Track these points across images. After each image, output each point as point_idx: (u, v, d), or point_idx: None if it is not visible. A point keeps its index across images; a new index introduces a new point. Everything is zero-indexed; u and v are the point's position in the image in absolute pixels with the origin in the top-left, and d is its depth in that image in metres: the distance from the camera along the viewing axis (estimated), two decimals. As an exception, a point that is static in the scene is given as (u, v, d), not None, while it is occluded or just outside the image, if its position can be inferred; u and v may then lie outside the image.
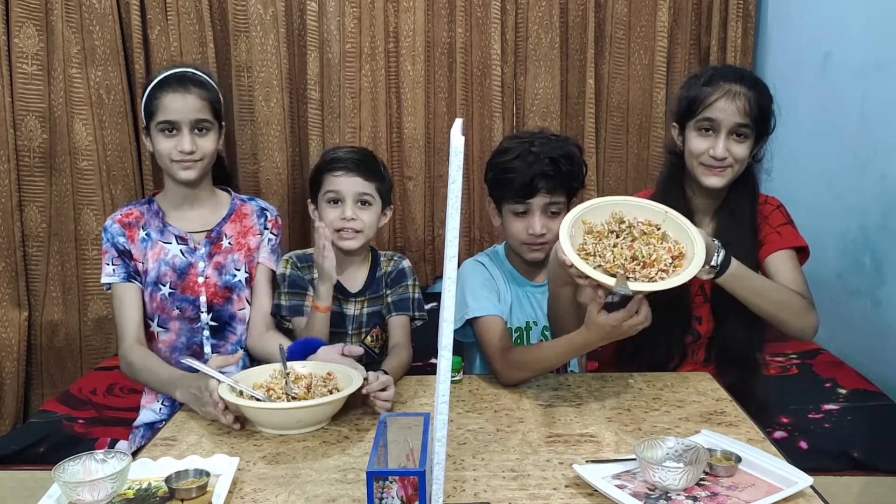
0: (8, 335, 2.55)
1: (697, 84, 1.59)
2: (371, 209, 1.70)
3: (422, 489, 0.91)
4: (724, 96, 1.53)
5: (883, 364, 2.06)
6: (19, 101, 2.54)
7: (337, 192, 1.68)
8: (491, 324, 1.59)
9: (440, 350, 0.85)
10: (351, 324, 1.74)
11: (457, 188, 0.81)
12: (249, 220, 1.76)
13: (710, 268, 1.42)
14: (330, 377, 1.40)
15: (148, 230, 1.68)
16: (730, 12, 2.78)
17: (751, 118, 1.53)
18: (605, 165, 2.92)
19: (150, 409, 1.71)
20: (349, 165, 1.68)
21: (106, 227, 1.67)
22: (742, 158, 1.56)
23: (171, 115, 1.60)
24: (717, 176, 1.57)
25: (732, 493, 1.08)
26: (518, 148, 1.60)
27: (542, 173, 1.56)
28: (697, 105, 1.56)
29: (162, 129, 1.62)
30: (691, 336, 1.69)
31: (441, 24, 2.80)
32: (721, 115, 1.53)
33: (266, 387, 1.38)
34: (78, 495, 1.04)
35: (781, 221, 1.65)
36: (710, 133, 1.56)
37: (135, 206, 1.72)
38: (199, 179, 1.67)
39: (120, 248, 1.65)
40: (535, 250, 1.64)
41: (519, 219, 1.62)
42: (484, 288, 1.64)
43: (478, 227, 2.94)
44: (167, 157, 1.62)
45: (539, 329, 1.71)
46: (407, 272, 1.78)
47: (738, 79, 1.56)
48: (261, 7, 2.71)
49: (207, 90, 1.66)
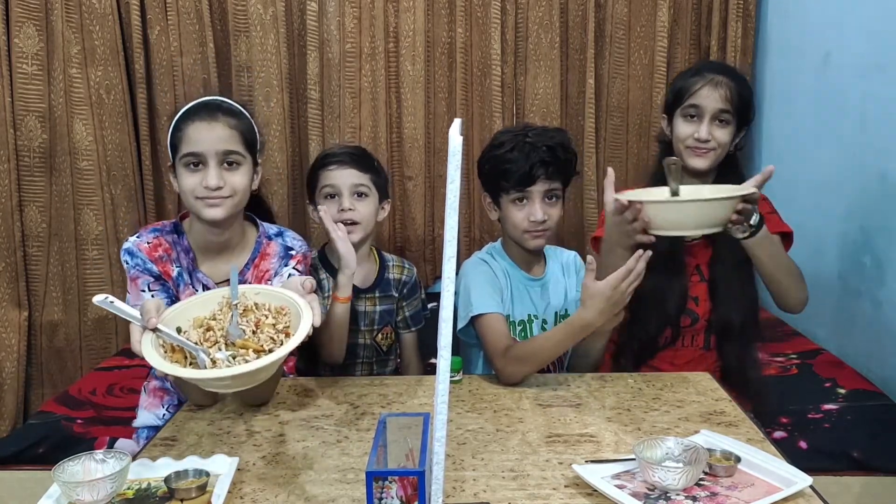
0: (8, 335, 2.55)
1: (685, 77, 1.73)
2: (368, 200, 1.72)
3: (421, 489, 0.91)
4: (707, 84, 1.66)
5: (883, 364, 2.06)
6: (19, 101, 2.54)
7: (333, 185, 1.70)
8: (493, 321, 1.60)
9: (439, 350, 0.85)
10: (362, 320, 1.76)
11: (455, 188, 0.81)
12: (269, 263, 1.53)
13: (747, 225, 1.49)
14: (283, 312, 1.18)
15: (179, 268, 1.48)
16: (730, 12, 2.77)
17: (732, 105, 1.65)
18: (605, 165, 2.91)
19: (152, 414, 1.67)
20: (343, 159, 1.72)
21: (131, 250, 1.45)
22: (724, 143, 1.67)
23: (195, 146, 1.41)
24: (701, 157, 1.67)
25: (732, 492, 1.08)
26: (512, 140, 1.64)
27: (541, 161, 1.61)
28: (684, 93, 1.68)
29: (186, 164, 1.42)
30: (689, 318, 1.73)
31: (441, 24, 2.80)
32: (705, 102, 1.65)
33: (206, 325, 1.17)
34: (77, 495, 1.04)
35: (768, 210, 1.73)
36: (694, 119, 1.67)
37: (160, 235, 1.48)
38: (228, 219, 1.45)
39: (154, 273, 1.45)
40: (536, 237, 1.67)
41: (519, 207, 1.65)
42: (488, 285, 1.66)
43: (478, 227, 2.94)
44: (191, 194, 1.41)
45: (539, 322, 1.73)
46: (418, 283, 1.88)
47: (721, 70, 1.70)
48: (261, 7, 2.71)
49: (238, 119, 1.46)
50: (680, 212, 1.41)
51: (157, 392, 1.66)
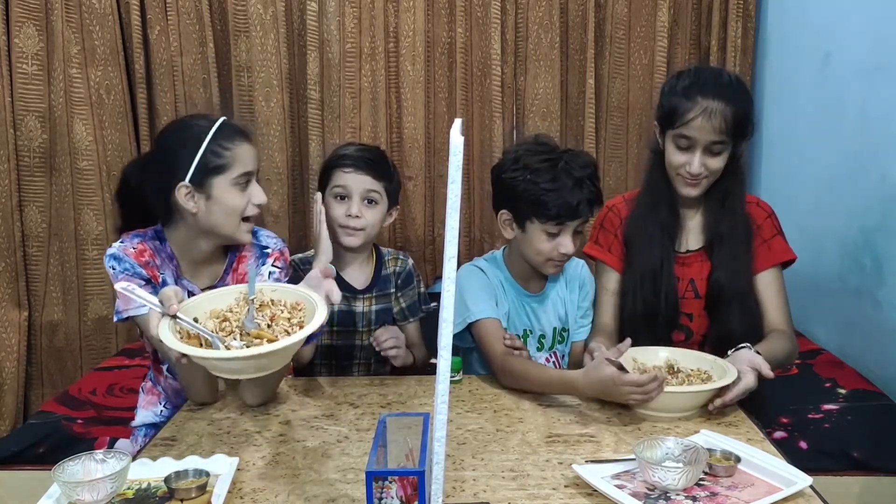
0: (8, 335, 2.55)
1: (677, 94, 1.57)
2: (377, 208, 1.70)
3: (421, 489, 0.91)
4: (700, 115, 1.52)
5: (883, 364, 2.06)
6: (19, 101, 2.54)
7: (344, 187, 1.68)
8: (489, 327, 1.60)
9: (439, 350, 0.85)
10: (360, 321, 1.76)
11: (456, 188, 0.81)
12: (245, 265, 1.53)
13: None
14: (298, 308, 1.21)
15: (164, 276, 1.46)
16: (730, 12, 2.77)
17: (727, 134, 1.54)
18: (605, 165, 2.92)
19: (150, 412, 1.66)
20: (359, 163, 1.68)
21: (117, 256, 1.42)
22: (717, 170, 1.58)
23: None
24: (693, 187, 1.60)
25: (732, 492, 1.08)
26: (550, 168, 1.56)
27: (587, 199, 1.56)
28: (675, 119, 1.56)
29: (235, 184, 1.44)
30: (683, 333, 1.69)
31: (441, 24, 2.80)
32: (697, 134, 1.54)
33: (222, 316, 1.19)
34: (77, 495, 1.04)
35: (773, 233, 1.67)
36: (687, 150, 1.57)
37: (144, 241, 1.46)
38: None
39: (145, 277, 1.42)
40: (558, 266, 1.65)
41: (549, 238, 1.58)
42: (482, 291, 1.65)
43: (478, 227, 2.94)
44: (238, 214, 1.44)
45: (536, 337, 1.72)
46: (413, 272, 1.84)
47: (716, 93, 1.53)
48: (261, 7, 2.71)
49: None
50: (685, 399, 1.38)
51: (154, 392, 1.66)
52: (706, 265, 1.66)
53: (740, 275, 1.62)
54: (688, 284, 1.67)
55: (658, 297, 1.62)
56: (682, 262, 1.68)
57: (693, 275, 1.67)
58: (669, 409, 1.36)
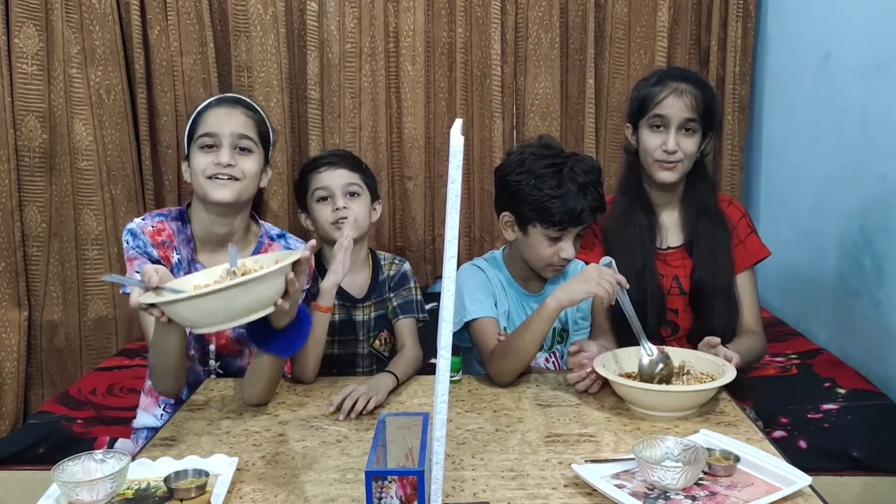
0: (8, 335, 2.55)
1: (647, 85, 1.68)
2: (361, 200, 1.73)
3: (421, 489, 0.91)
4: (672, 93, 1.62)
5: (883, 364, 2.06)
6: (19, 101, 2.54)
7: (325, 187, 1.71)
8: (486, 326, 1.61)
9: (439, 350, 0.85)
10: (361, 329, 1.77)
11: (456, 188, 0.81)
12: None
13: None
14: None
15: (179, 256, 1.50)
16: (730, 12, 2.77)
17: (698, 113, 1.63)
18: (606, 165, 2.91)
19: (150, 415, 1.66)
20: (332, 160, 1.74)
21: (133, 230, 1.48)
22: (691, 153, 1.65)
23: (211, 127, 1.47)
24: (669, 171, 1.66)
25: (731, 492, 1.08)
26: (553, 174, 1.55)
27: (591, 207, 1.56)
28: (648, 104, 1.65)
29: (201, 146, 1.48)
30: (669, 328, 1.72)
31: (441, 24, 2.80)
32: (670, 112, 1.62)
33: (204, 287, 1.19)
34: (77, 495, 1.04)
35: (747, 232, 1.76)
36: (661, 129, 1.65)
37: (166, 220, 1.52)
38: (234, 204, 1.49)
39: (154, 258, 1.47)
40: (557, 270, 1.66)
41: (551, 243, 1.59)
42: (480, 291, 1.66)
43: (478, 227, 2.94)
44: (201, 173, 1.46)
45: None
46: (408, 275, 1.82)
47: (684, 78, 1.66)
48: (261, 7, 2.71)
49: (255, 112, 1.54)
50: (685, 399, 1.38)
51: (154, 393, 1.66)
52: (688, 262, 1.72)
53: (721, 271, 1.68)
54: (672, 281, 1.71)
55: (644, 296, 1.64)
56: (663, 259, 1.72)
57: (676, 271, 1.72)
58: (670, 408, 1.36)
